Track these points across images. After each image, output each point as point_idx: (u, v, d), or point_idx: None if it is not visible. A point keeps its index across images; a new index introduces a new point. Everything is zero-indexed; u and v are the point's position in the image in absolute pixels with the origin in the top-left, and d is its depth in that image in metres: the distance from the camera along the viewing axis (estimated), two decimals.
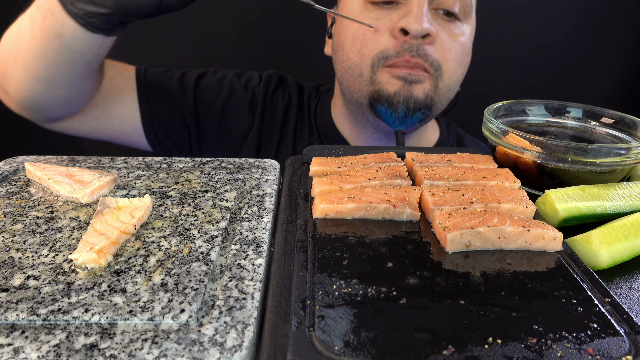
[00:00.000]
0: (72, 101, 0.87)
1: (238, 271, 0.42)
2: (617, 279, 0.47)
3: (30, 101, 0.84)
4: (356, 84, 0.93)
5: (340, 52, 0.94)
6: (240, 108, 1.05)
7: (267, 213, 0.53)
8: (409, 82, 0.87)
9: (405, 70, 0.87)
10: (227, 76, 1.08)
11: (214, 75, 1.07)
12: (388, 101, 0.89)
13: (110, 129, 0.99)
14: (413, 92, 0.88)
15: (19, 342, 0.34)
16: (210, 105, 1.03)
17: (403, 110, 0.89)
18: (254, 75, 1.10)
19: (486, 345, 0.34)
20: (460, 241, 0.46)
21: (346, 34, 0.92)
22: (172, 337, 0.35)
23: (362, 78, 0.91)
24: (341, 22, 0.94)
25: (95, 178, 0.56)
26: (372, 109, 0.92)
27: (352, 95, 0.95)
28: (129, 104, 0.98)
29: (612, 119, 0.71)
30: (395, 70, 0.87)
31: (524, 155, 0.61)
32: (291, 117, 1.07)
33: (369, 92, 0.91)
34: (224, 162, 0.66)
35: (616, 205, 0.55)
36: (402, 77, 0.87)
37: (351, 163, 0.62)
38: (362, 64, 0.90)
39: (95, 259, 0.42)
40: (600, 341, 0.35)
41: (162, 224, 0.50)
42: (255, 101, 1.06)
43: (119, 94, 0.97)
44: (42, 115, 0.89)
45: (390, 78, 0.88)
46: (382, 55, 0.87)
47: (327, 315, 0.37)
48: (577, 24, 1.57)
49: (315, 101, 1.10)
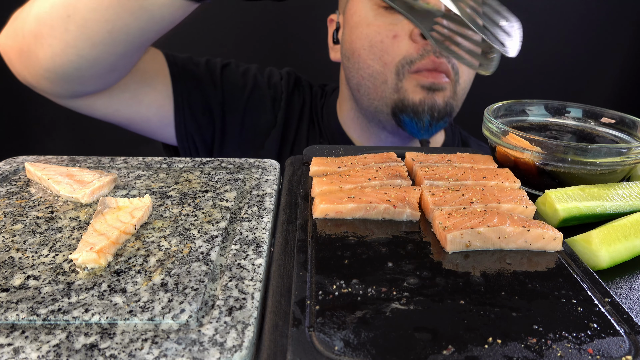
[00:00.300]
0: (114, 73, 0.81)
1: (238, 271, 0.42)
2: (617, 279, 0.47)
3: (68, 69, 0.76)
4: (378, 92, 0.91)
5: (355, 60, 0.92)
6: (263, 104, 1.02)
7: (267, 213, 0.53)
8: (432, 90, 0.87)
9: (430, 79, 0.86)
10: (251, 70, 1.05)
11: (237, 68, 1.04)
12: (413, 110, 0.88)
13: (135, 115, 0.93)
14: (436, 100, 0.87)
15: (19, 342, 0.34)
16: (235, 99, 1.01)
17: (428, 120, 0.88)
18: (274, 71, 1.08)
19: (486, 345, 0.34)
20: (460, 241, 0.46)
21: (361, 40, 0.90)
22: (172, 337, 0.35)
23: (386, 85, 0.89)
24: (354, 27, 0.92)
25: (95, 178, 0.56)
26: (394, 117, 0.91)
27: (372, 103, 0.93)
28: (160, 91, 0.94)
29: (612, 119, 0.71)
30: (422, 78, 0.86)
31: (524, 155, 0.61)
32: (305, 117, 1.06)
33: (393, 100, 0.90)
34: (224, 162, 0.66)
35: (616, 205, 0.55)
36: (427, 86, 0.87)
37: (351, 163, 0.62)
38: (385, 71, 0.88)
39: (95, 259, 0.42)
40: (600, 341, 0.35)
41: (162, 224, 0.50)
42: (277, 99, 1.04)
43: (152, 79, 0.92)
44: (70, 88, 0.82)
45: (415, 86, 0.87)
46: (406, 60, 0.86)
47: (327, 315, 0.37)
48: (578, 24, 1.57)
49: (321, 102, 1.09)
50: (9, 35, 0.79)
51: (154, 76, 0.92)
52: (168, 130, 0.98)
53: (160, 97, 0.94)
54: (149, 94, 0.92)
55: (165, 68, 0.95)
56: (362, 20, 0.90)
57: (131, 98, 0.90)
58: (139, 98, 0.91)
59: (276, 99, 1.04)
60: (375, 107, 0.94)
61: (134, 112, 0.93)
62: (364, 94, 0.94)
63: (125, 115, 0.93)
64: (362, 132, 1.03)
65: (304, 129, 1.05)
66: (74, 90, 0.83)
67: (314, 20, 1.25)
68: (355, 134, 1.04)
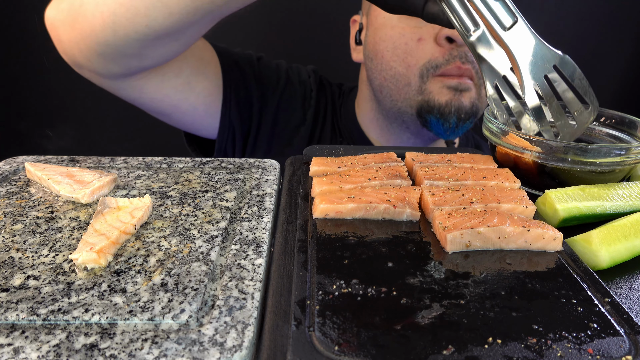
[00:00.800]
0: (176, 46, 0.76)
1: (238, 271, 0.42)
2: (617, 279, 0.47)
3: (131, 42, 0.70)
4: (402, 94, 0.91)
5: (378, 61, 0.92)
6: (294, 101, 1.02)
7: (267, 213, 0.53)
8: (459, 91, 0.86)
9: (456, 80, 0.86)
10: (282, 65, 1.04)
11: (269, 61, 1.03)
12: (440, 112, 0.87)
13: (184, 102, 0.90)
14: (462, 102, 0.87)
15: (19, 342, 0.34)
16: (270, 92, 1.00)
17: (455, 121, 0.88)
18: (302, 69, 1.07)
19: (486, 345, 0.34)
20: (460, 241, 0.46)
21: (385, 42, 0.90)
22: (172, 337, 0.35)
23: (409, 87, 0.89)
24: (378, 29, 0.91)
25: (95, 178, 0.56)
26: (419, 118, 0.91)
27: (395, 104, 0.93)
28: (212, 80, 0.92)
29: (612, 119, 0.71)
30: (447, 80, 0.86)
31: (524, 155, 0.61)
32: (328, 117, 1.06)
33: (418, 102, 0.89)
34: (224, 162, 0.66)
35: (616, 205, 0.55)
36: (454, 86, 0.86)
37: (351, 163, 0.62)
38: (409, 73, 0.88)
39: (95, 259, 0.42)
40: (600, 341, 0.35)
41: (162, 224, 0.50)
42: (307, 97, 1.03)
43: (205, 67, 0.90)
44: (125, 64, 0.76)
45: (441, 88, 0.87)
46: (431, 64, 0.86)
47: (327, 315, 0.37)
48: (578, 25, 1.57)
49: (339, 101, 1.09)
50: (61, 8, 0.74)
51: (207, 64, 0.90)
52: (209, 122, 0.96)
53: (211, 86, 0.92)
54: (202, 82, 0.90)
55: (214, 57, 0.93)
56: (387, 22, 0.90)
57: (183, 84, 0.87)
58: (191, 85, 0.88)
59: (306, 96, 1.03)
60: (398, 108, 0.93)
61: (183, 99, 0.89)
62: (386, 95, 0.94)
63: (173, 102, 0.89)
64: (382, 132, 1.02)
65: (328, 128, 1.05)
66: (128, 68, 0.77)
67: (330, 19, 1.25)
68: (375, 134, 1.03)
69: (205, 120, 0.96)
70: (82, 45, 0.73)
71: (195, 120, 0.95)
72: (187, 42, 0.77)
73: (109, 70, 0.78)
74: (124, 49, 0.71)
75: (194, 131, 1.00)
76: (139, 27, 0.67)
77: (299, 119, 1.02)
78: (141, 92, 0.86)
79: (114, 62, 0.75)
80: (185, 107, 0.91)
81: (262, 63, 1.02)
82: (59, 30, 0.76)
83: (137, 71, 0.80)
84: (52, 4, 0.77)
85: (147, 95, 0.87)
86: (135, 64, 0.78)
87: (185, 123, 0.97)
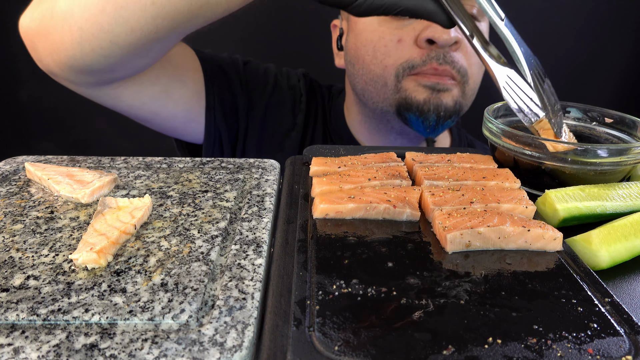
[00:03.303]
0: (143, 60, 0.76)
1: (238, 271, 0.42)
2: (617, 279, 0.47)
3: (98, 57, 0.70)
4: (381, 95, 0.91)
5: (359, 66, 0.92)
6: (283, 105, 1.02)
7: (267, 213, 0.53)
8: (437, 90, 0.86)
9: (433, 79, 0.85)
10: (270, 69, 1.04)
11: (257, 66, 1.03)
12: (419, 109, 0.87)
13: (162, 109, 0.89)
14: (442, 100, 0.87)
15: (19, 342, 0.34)
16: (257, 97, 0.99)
17: (434, 119, 0.88)
18: (291, 72, 1.07)
19: (486, 345, 0.34)
20: (460, 241, 0.46)
21: (366, 47, 0.89)
22: (172, 337, 0.35)
23: (386, 87, 0.89)
24: (358, 34, 0.91)
25: (95, 178, 0.56)
26: (399, 116, 0.91)
27: (377, 105, 0.93)
28: (191, 87, 0.91)
29: (612, 119, 0.71)
30: (422, 78, 0.86)
31: (524, 155, 0.61)
32: (319, 120, 1.06)
33: (396, 100, 0.89)
34: (224, 162, 0.66)
35: (616, 205, 0.55)
36: (430, 86, 0.86)
37: (351, 163, 0.62)
38: (385, 74, 0.88)
39: (95, 259, 0.42)
40: (600, 341, 0.35)
41: (162, 224, 0.50)
42: (296, 101, 1.03)
43: (183, 74, 0.89)
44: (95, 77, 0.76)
45: (417, 86, 0.86)
46: (408, 64, 0.86)
47: (327, 315, 0.37)
48: (578, 25, 1.57)
49: (329, 104, 1.09)
50: (34, 17, 0.73)
51: (185, 72, 0.90)
52: (192, 127, 0.95)
53: (189, 93, 0.91)
54: (180, 89, 0.89)
55: (195, 64, 0.92)
56: (367, 27, 0.89)
57: (161, 92, 0.87)
58: (169, 92, 0.88)
59: (295, 101, 1.03)
60: (380, 109, 0.93)
61: (161, 106, 0.89)
62: (369, 98, 0.94)
63: (151, 109, 0.89)
64: (370, 134, 1.02)
65: (319, 132, 1.05)
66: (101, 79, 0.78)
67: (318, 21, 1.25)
68: (363, 136, 1.03)
69: (187, 126, 0.95)
70: (55, 56, 0.73)
71: (176, 126, 0.95)
72: (156, 56, 0.77)
73: (82, 80, 0.78)
74: (92, 63, 0.72)
75: (178, 136, 1.00)
76: (104, 42, 0.68)
77: (289, 124, 1.02)
78: (118, 100, 0.85)
79: (85, 74, 0.76)
80: (165, 114, 0.91)
81: (249, 68, 1.01)
82: (33, 39, 0.75)
83: (112, 82, 0.80)
84: (26, 12, 0.76)
85: (125, 103, 0.86)
86: (107, 76, 0.78)
87: (168, 129, 0.97)
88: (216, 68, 0.95)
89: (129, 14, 0.64)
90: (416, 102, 0.87)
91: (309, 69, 1.13)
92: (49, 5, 0.71)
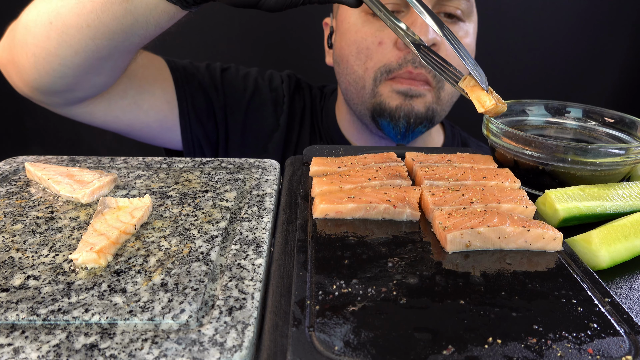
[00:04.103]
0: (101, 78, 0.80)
1: (238, 271, 0.42)
2: (617, 279, 0.47)
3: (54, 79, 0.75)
4: (359, 97, 0.92)
5: (344, 65, 0.93)
6: (264, 107, 1.03)
7: (267, 213, 0.53)
8: (409, 96, 0.87)
9: (405, 84, 0.86)
10: (251, 73, 1.06)
11: (237, 71, 1.05)
12: (390, 115, 0.88)
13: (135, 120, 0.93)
14: (414, 107, 0.88)
15: (19, 342, 0.34)
16: (236, 102, 1.01)
17: (404, 125, 0.89)
18: (275, 74, 1.08)
19: (486, 345, 0.34)
20: (460, 241, 0.46)
21: (350, 47, 0.91)
22: (172, 337, 0.35)
23: (364, 90, 0.90)
24: (344, 33, 0.92)
25: (95, 178, 0.56)
26: (374, 121, 0.92)
27: (356, 107, 0.94)
28: (159, 96, 0.93)
29: (612, 119, 0.71)
30: (397, 84, 0.87)
31: (524, 155, 0.61)
32: (306, 120, 1.06)
33: (371, 104, 0.90)
34: (224, 162, 0.66)
35: (616, 205, 0.55)
36: (403, 91, 0.87)
37: (351, 163, 0.62)
38: (365, 76, 0.89)
39: (95, 259, 0.42)
40: (600, 341, 0.35)
41: (162, 224, 0.50)
42: (279, 102, 1.04)
43: (150, 85, 0.92)
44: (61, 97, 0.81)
45: (391, 92, 0.88)
46: (385, 69, 0.87)
47: (327, 315, 0.37)
48: (577, 24, 1.57)
49: (321, 104, 1.10)
50: (4, 47, 0.79)
51: (152, 82, 0.93)
52: (169, 136, 0.98)
53: (158, 103, 0.94)
54: (148, 100, 0.93)
55: (164, 74, 0.95)
56: (351, 27, 0.91)
57: (130, 105, 0.90)
58: (138, 104, 0.91)
59: (278, 102, 1.04)
60: (359, 111, 0.95)
61: (134, 118, 0.93)
62: (350, 98, 0.95)
63: (125, 122, 0.92)
64: (359, 135, 1.03)
65: (306, 132, 1.05)
66: (66, 98, 0.82)
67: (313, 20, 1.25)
68: (354, 137, 1.04)
69: (164, 134, 0.98)
70: (23, 81, 0.79)
71: (154, 135, 0.98)
72: (112, 74, 0.81)
73: (52, 101, 0.83)
74: (51, 85, 0.77)
75: (160, 144, 1.03)
76: (55, 65, 0.73)
77: (272, 125, 1.03)
78: (93, 117, 0.89)
79: (51, 95, 0.80)
80: (138, 125, 0.95)
81: (228, 73, 1.03)
82: (5, 68, 0.81)
83: (80, 101, 0.85)
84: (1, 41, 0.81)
85: (100, 119, 0.91)
86: (70, 96, 0.82)
87: (146, 139, 1.00)
88: (189, 76, 0.98)
89: (70, 37, 0.69)
90: (389, 108, 0.89)
91: (306, 68, 1.13)
92: (12, 36, 0.77)
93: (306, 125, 1.06)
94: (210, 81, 1.00)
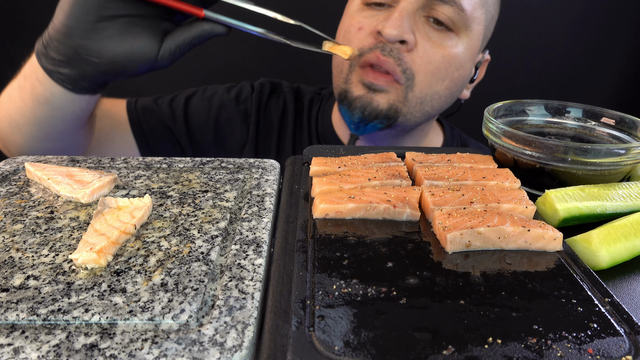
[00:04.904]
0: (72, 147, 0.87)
1: (238, 271, 0.42)
2: (617, 279, 0.47)
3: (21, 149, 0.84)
4: (336, 81, 0.94)
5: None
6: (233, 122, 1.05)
7: (267, 213, 0.53)
8: (372, 90, 0.87)
9: (371, 78, 0.87)
10: (217, 92, 1.08)
11: (203, 94, 1.07)
12: (349, 103, 0.90)
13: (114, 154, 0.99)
14: (373, 101, 0.88)
15: (19, 342, 0.34)
16: (202, 125, 1.04)
17: (359, 116, 0.89)
18: (245, 86, 1.10)
19: (486, 345, 0.34)
20: (460, 241, 0.46)
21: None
22: (172, 337, 0.35)
23: (341, 75, 0.92)
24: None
25: (95, 178, 0.56)
26: (340, 106, 0.94)
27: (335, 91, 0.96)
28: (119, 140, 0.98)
29: (612, 119, 0.71)
30: (365, 75, 0.87)
31: (524, 155, 0.61)
32: (288, 125, 1.07)
33: (342, 89, 0.92)
34: (224, 162, 0.66)
35: (616, 205, 0.55)
36: (367, 84, 0.87)
37: (351, 163, 0.62)
38: (343, 61, 0.91)
39: (95, 259, 0.42)
40: (600, 341, 0.35)
41: (162, 224, 0.50)
42: (248, 113, 1.06)
43: (107, 133, 0.97)
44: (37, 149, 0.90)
45: (358, 82, 0.89)
46: (359, 52, 0.88)
47: (327, 315, 0.37)
48: (577, 25, 1.57)
49: (317, 106, 1.09)
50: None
51: (109, 130, 0.97)
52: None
53: (124, 143, 0.99)
54: (110, 147, 0.98)
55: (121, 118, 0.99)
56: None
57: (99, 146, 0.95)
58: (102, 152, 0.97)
59: (247, 113, 1.06)
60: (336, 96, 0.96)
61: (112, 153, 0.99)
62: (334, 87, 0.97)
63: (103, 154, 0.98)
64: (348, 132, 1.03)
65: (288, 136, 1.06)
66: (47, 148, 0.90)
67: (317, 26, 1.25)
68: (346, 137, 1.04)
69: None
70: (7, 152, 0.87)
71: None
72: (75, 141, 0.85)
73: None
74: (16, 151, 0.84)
75: None
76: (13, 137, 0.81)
77: (243, 138, 1.05)
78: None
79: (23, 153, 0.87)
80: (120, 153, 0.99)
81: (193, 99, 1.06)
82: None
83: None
84: None
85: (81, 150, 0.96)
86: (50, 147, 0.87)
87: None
88: (147, 114, 1.01)
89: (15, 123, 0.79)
90: (351, 96, 0.89)
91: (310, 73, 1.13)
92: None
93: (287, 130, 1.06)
94: (169, 113, 1.03)
